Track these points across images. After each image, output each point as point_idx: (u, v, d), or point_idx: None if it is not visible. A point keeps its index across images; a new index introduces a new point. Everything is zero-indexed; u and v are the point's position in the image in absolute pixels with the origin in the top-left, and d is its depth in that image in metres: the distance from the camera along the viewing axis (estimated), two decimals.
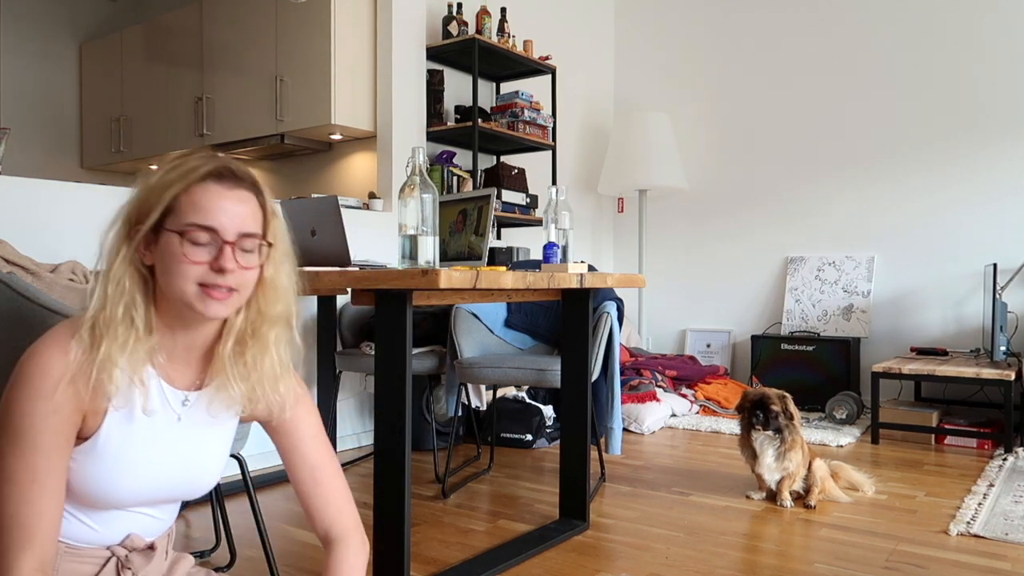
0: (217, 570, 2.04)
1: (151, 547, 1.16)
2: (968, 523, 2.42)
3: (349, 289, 1.84)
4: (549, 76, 4.55)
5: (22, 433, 0.98)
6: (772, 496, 2.72)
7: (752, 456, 2.68)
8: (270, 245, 1.08)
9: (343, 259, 2.16)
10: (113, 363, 1.00)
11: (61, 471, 1.00)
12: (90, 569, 1.11)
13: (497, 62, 4.26)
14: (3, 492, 0.98)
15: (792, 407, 2.66)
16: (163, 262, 1.02)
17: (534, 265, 3.42)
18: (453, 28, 4.04)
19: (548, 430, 3.63)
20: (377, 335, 1.86)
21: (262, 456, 3.11)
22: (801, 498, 2.69)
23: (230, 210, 1.03)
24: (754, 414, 2.65)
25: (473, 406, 3.39)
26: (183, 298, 1.02)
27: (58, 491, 1.00)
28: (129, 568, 1.12)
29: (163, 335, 1.07)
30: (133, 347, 1.02)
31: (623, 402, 4.03)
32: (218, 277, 1.01)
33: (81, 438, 1.04)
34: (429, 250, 1.83)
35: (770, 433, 2.64)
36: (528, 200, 4.37)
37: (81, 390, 1.00)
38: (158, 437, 1.09)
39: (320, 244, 2.18)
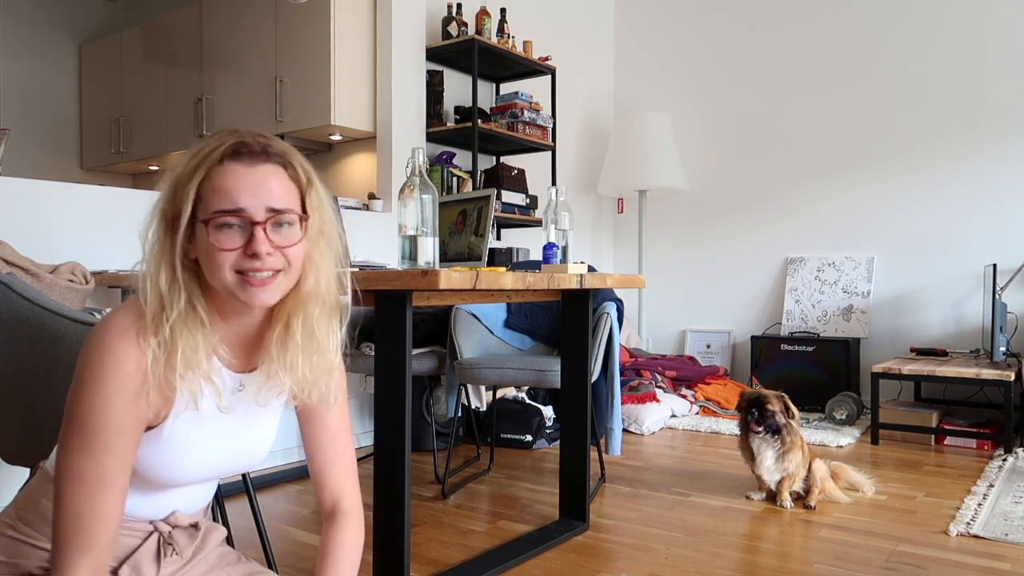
0: None
1: (195, 526, 1.15)
2: (968, 523, 2.42)
3: None
4: (549, 77, 4.55)
5: (94, 432, 0.93)
6: (772, 497, 2.72)
7: (751, 457, 2.68)
8: (307, 218, 1.02)
9: (342, 260, 2.16)
10: (186, 362, 0.98)
11: (128, 471, 0.97)
12: (133, 542, 1.10)
13: (497, 63, 4.26)
14: (68, 491, 0.93)
15: (791, 407, 2.66)
16: (202, 255, 0.99)
17: (534, 266, 3.42)
18: (453, 29, 4.04)
19: (548, 430, 3.63)
20: (377, 336, 1.86)
21: None
22: (801, 499, 2.69)
23: (253, 188, 0.97)
24: (750, 413, 2.65)
25: (473, 407, 3.39)
26: (225, 288, 0.99)
27: (123, 492, 0.96)
28: (171, 545, 1.11)
29: (219, 325, 1.04)
30: (202, 345, 1.00)
31: (623, 403, 4.03)
32: (255, 262, 0.97)
33: (147, 428, 1.02)
34: (429, 251, 1.83)
35: (769, 434, 2.64)
36: (528, 200, 4.37)
37: (155, 389, 0.98)
38: (219, 423, 1.08)
39: None
